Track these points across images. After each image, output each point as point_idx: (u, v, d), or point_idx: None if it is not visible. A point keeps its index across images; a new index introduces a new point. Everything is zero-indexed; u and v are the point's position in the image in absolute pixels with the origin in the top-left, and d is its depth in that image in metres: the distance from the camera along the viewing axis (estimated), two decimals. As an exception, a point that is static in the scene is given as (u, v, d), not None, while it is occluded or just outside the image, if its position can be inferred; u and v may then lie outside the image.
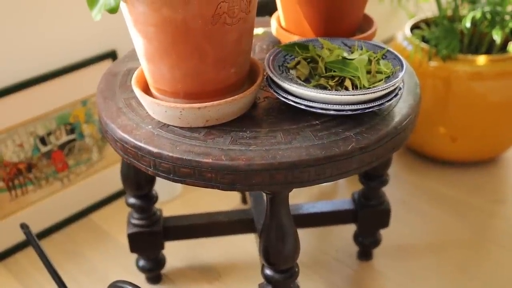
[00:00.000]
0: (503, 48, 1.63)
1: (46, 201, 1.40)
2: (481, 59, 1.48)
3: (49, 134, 1.37)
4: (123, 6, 0.75)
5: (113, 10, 0.65)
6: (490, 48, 1.63)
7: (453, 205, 1.52)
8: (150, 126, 0.83)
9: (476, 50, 1.63)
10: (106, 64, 1.43)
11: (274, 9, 1.10)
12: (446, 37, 1.50)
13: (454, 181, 1.62)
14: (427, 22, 1.74)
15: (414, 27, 1.73)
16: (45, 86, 1.33)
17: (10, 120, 1.29)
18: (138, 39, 0.78)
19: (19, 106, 1.29)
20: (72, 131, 1.41)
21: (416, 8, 1.90)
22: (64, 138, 1.40)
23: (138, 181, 1.07)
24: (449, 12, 1.65)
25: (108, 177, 1.51)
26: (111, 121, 0.85)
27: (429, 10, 1.81)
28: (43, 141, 1.36)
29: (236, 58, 0.80)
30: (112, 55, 1.44)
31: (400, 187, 1.59)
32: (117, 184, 1.51)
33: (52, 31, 1.31)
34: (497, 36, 1.44)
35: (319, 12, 0.98)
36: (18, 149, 1.32)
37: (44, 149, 1.37)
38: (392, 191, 1.55)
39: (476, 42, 1.61)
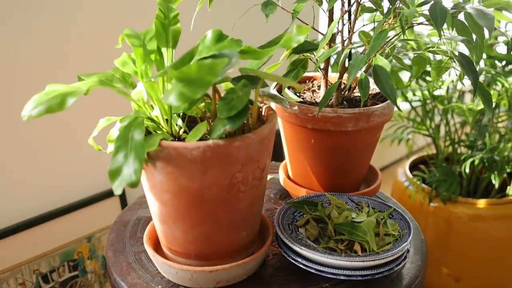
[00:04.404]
0: (501, 189, 1.67)
1: None
2: (481, 203, 1.51)
3: (52, 271, 1.36)
4: (140, 171, 0.78)
5: (134, 184, 0.68)
6: (488, 187, 1.66)
7: None
8: (160, 286, 0.83)
9: (474, 189, 1.66)
10: (113, 201, 1.45)
11: (276, 149, 1.13)
12: (446, 180, 1.54)
13: (459, 323, 1.59)
14: (426, 161, 1.79)
15: (413, 164, 1.78)
16: (52, 224, 1.34)
17: (15, 259, 1.29)
18: (153, 203, 0.80)
19: (24, 245, 1.30)
20: (75, 267, 1.41)
21: (412, 141, 1.96)
22: (67, 275, 1.39)
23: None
24: (448, 150, 1.71)
25: (108, 314, 1.49)
26: (121, 279, 0.85)
27: (422, 141, 1.86)
28: (45, 279, 1.35)
29: (248, 221, 0.82)
30: (119, 191, 1.46)
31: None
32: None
33: (58, 169, 1.35)
34: (495, 182, 1.48)
35: (327, 168, 1.01)
36: (19, 288, 1.30)
37: (46, 287, 1.35)
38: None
39: (474, 183, 1.65)
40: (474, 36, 0.87)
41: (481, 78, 1.45)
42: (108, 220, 1.44)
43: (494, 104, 1.52)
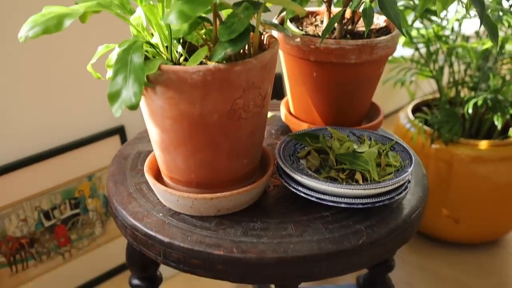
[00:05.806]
0: (504, 131, 1.66)
1: (46, 276, 1.39)
2: (483, 144, 1.51)
3: (53, 208, 1.37)
4: (140, 98, 0.77)
5: (133, 106, 0.67)
6: (490, 130, 1.66)
7: (457, 288, 1.51)
8: (161, 214, 0.83)
9: (477, 131, 1.66)
10: (114, 140, 1.45)
11: (278, 88, 1.13)
12: (448, 121, 1.53)
13: (457, 262, 1.62)
14: (428, 104, 1.78)
15: (416, 108, 1.77)
16: (53, 161, 1.34)
17: (16, 195, 1.29)
18: (153, 130, 0.79)
19: (25, 181, 1.30)
20: (76, 205, 1.41)
21: (415, 85, 1.94)
22: (68, 212, 1.40)
23: (144, 263, 1.06)
24: (451, 93, 1.69)
25: (110, 251, 1.50)
26: (122, 207, 0.86)
27: (428, 87, 1.85)
28: (47, 215, 1.36)
29: (249, 149, 0.82)
30: (120, 130, 1.46)
31: (403, 269, 1.58)
32: (119, 259, 1.50)
33: (59, 107, 1.34)
34: (498, 123, 1.47)
35: (329, 102, 1.00)
36: (21, 224, 1.31)
37: (47, 223, 1.36)
38: (395, 272, 1.53)
39: (476, 125, 1.64)
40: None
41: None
42: (109, 159, 1.44)
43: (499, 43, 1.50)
